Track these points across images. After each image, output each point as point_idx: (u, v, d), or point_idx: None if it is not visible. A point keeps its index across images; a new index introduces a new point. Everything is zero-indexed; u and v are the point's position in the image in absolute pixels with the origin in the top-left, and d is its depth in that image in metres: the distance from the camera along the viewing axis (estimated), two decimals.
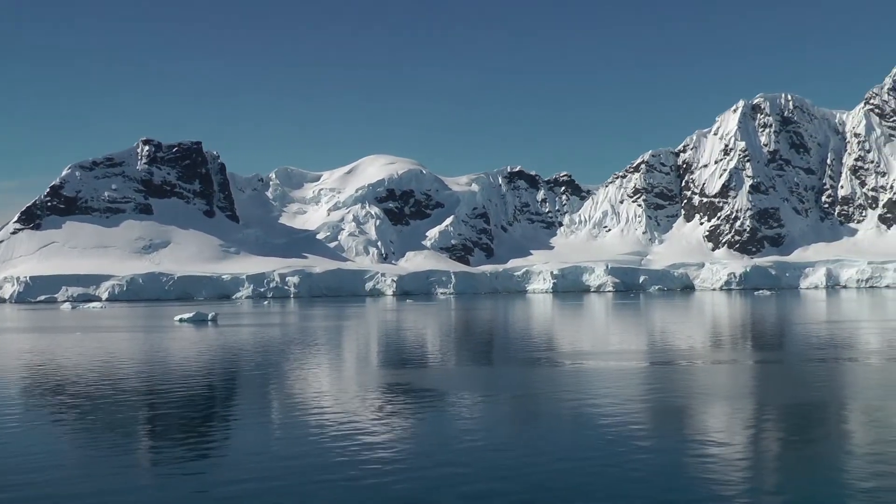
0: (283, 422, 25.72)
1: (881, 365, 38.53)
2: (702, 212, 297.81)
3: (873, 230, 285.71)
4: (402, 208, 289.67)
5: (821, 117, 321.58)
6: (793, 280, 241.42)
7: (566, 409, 26.88)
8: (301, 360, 44.18)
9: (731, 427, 23.71)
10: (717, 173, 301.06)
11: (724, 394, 30.04)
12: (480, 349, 52.36)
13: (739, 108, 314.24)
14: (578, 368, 38.21)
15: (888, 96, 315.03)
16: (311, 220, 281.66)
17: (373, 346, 55.87)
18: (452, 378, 36.02)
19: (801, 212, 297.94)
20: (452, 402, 28.89)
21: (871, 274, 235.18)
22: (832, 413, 26.12)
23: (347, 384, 34.14)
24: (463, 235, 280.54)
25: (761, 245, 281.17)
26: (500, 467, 19.19)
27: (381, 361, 44.64)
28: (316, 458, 20.09)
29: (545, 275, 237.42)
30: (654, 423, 24.64)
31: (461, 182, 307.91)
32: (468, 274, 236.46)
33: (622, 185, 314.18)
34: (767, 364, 39.91)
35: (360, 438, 22.17)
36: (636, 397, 29.11)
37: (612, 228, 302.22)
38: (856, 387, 31.88)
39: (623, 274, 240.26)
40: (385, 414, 26.30)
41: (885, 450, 20.08)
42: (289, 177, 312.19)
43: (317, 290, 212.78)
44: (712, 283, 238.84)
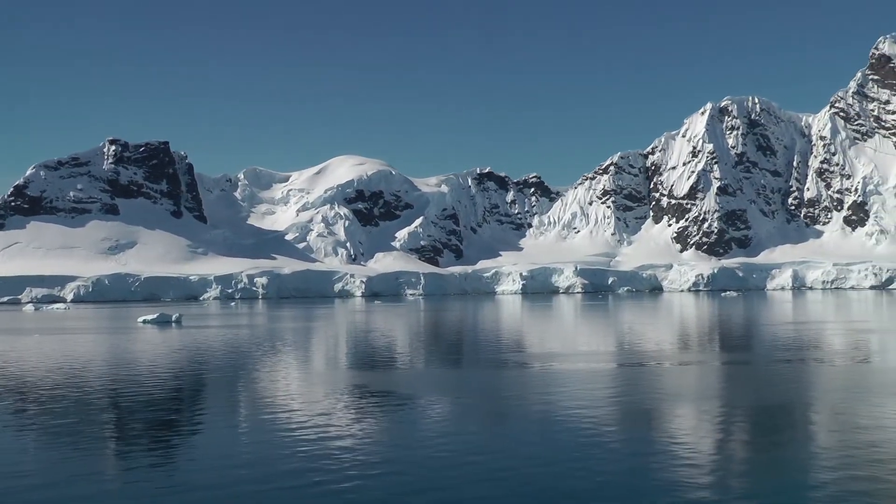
0: (247, 426, 25.45)
1: (846, 366, 38.67)
2: (670, 213, 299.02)
3: (838, 232, 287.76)
4: (372, 209, 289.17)
5: (787, 120, 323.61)
6: (760, 281, 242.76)
7: (535, 411, 26.82)
8: (266, 362, 43.87)
9: (698, 429, 23.69)
10: (686, 175, 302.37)
11: (692, 395, 30.05)
12: (449, 351, 52.19)
13: (707, 110, 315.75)
14: (548, 370, 38.13)
15: (853, 100, 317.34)
16: (280, 220, 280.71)
17: (341, 347, 55.59)
18: (421, 380, 35.86)
19: (767, 214, 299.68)
20: (421, 405, 28.71)
21: (837, 275, 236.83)
22: (798, 415, 26.17)
23: (315, 387, 33.86)
24: (432, 236, 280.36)
25: (729, 247, 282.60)
26: (470, 471, 19.09)
27: (350, 363, 44.41)
28: (282, 462, 19.88)
29: (514, 276, 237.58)
30: (623, 424, 24.61)
31: (430, 183, 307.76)
32: (437, 275, 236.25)
33: (591, 187, 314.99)
34: (735, 365, 39.96)
35: (327, 442, 21.97)
36: (605, 399, 29.06)
37: (581, 230, 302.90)
38: (821, 388, 31.97)
39: (592, 275, 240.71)
40: (353, 417, 26.11)
41: (850, 452, 20.12)
42: (257, 177, 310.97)
43: (285, 291, 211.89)
44: (680, 285, 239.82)
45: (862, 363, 40.20)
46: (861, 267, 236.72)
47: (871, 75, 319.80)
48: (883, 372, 36.58)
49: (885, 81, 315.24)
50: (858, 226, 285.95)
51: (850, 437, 21.93)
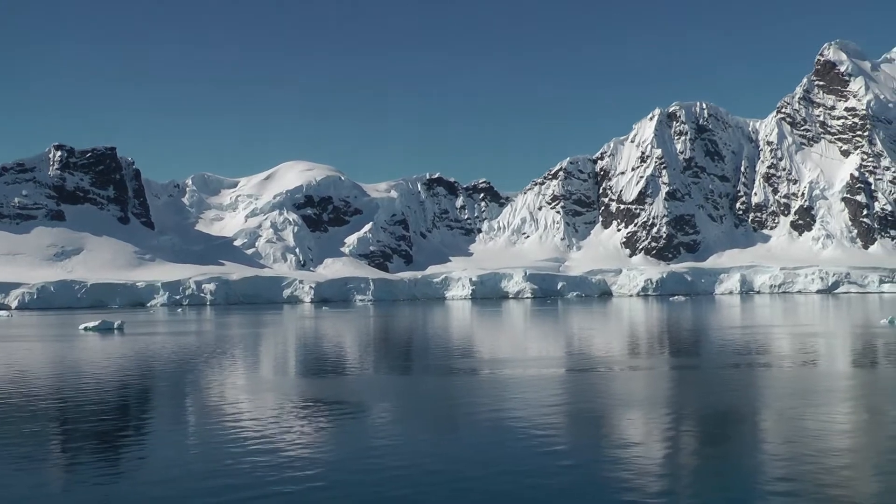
0: (191, 438, 24.95)
1: (793, 371, 38.76)
2: (619, 218, 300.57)
3: (785, 236, 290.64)
4: (321, 215, 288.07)
5: (735, 125, 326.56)
6: (708, 286, 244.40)
7: (486, 417, 26.66)
8: (211, 369, 43.25)
9: (648, 434, 23.62)
10: (634, 180, 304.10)
11: (642, 400, 29.99)
12: (399, 357, 51.83)
13: (656, 116, 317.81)
14: (498, 376, 37.94)
15: (799, 105, 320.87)
16: (229, 226, 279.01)
17: (290, 354, 55.04)
18: (371, 387, 35.49)
19: (715, 218, 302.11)
20: (371, 413, 28.44)
21: (784, 280, 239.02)
22: (747, 420, 26.14)
23: (262, 395, 33.33)
24: (382, 242, 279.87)
25: (677, 251, 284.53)
26: (421, 478, 18.91)
27: (298, 371, 43.93)
28: (231, 475, 19.49)
29: (464, 281, 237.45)
30: (574, 430, 24.57)
31: (380, 189, 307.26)
32: (387, 281, 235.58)
33: (540, 192, 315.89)
34: (684, 370, 39.97)
35: (277, 453, 21.62)
36: (555, 405, 28.93)
37: (530, 235, 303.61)
38: (769, 393, 31.98)
39: (541, 280, 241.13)
40: (303, 426, 25.71)
41: (798, 458, 20.13)
42: (205, 183, 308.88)
43: (234, 297, 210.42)
44: (629, 290, 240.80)
45: (809, 367, 40.33)
46: (808, 271, 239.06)
47: (816, 81, 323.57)
48: (829, 376, 36.77)
49: (830, 87, 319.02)
50: (805, 230, 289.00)
51: (797, 442, 21.93)
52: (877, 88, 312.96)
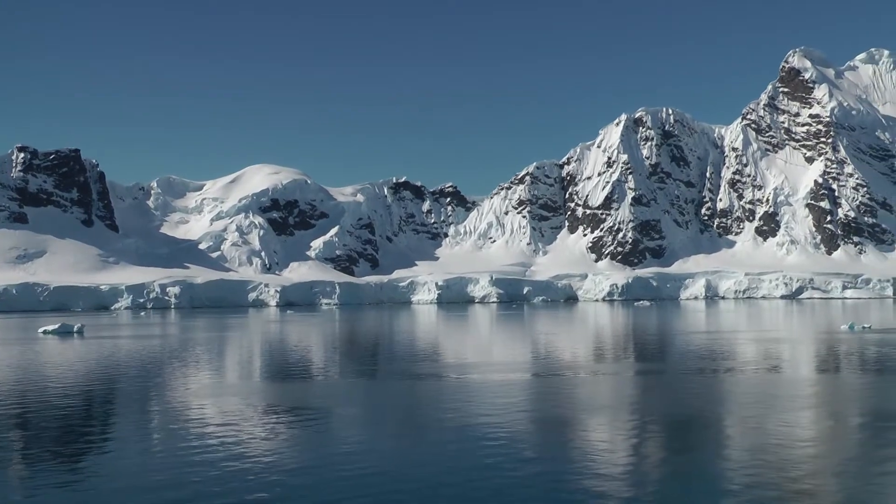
0: (148, 445, 24.64)
1: (757, 376, 38.91)
2: (585, 223, 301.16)
3: (750, 242, 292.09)
4: (287, 218, 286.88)
5: (700, 131, 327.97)
6: (673, 291, 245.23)
7: (450, 422, 26.63)
8: (173, 374, 42.88)
9: (613, 439, 23.62)
10: (601, 185, 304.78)
11: (607, 406, 30.02)
12: (364, 362, 51.61)
13: (622, 121, 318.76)
14: (463, 381, 37.87)
15: (764, 112, 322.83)
16: (194, 229, 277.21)
17: (255, 358, 54.67)
18: (336, 392, 35.33)
19: (681, 224, 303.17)
20: (335, 418, 28.31)
21: (748, 285, 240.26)
22: (711, 426, 26.18)
23: (226, 400, 33.06)
24: (348, 246, 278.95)
25: (643, 256, 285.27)
26: (386, 483, 18.87)
27: (263, 375, 43.65)
28: (194, 483, 19.24)
29: (430, 286, 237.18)
30: (538, 435, 24.57)
31: (346, 192, 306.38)
32: (353, 284, 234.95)
33: (507, 197, 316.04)
34: (648, 375, 40.02)
35: (241, 460, 21.47)
36: (520, 410, 28.93)
37: (496, 240, 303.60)
38: (733, 399, 32.07)
39: (507, 285, 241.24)
40: (266, 431, 25.53)
41: (761, 464, 20.18)
42: (171, 186, 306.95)
43: (198, 300, 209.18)
44: (595, 294, 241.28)
45: (772, 373, 40.45)
46: (772, 277, 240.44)
47: (781, 88, 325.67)
48: (792, 382, 36.89)
49: (795, 94, 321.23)
50: (770, 236, 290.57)
51: (761, 449, 22.04)
52: (840, 96, 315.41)
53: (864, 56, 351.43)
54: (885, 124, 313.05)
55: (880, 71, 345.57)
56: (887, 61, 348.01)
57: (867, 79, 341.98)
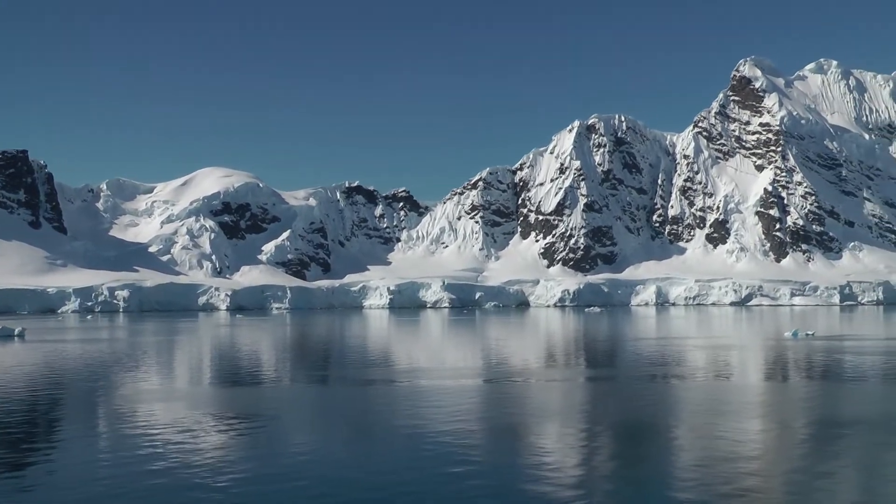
0: (95, 452, 24.23)
1: (705, 383, 39.07)
2: (537, 229, 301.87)
3: (701, 249, 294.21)
4: (238, 222, 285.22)
5: (652, 139, 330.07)
6: (624, 297, 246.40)
7: (401, 428, 26.57)
8: (116, 379, 42.30)
9: (563, 446, 23.61)
10: (553, 191, 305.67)
11: (557, 412, 29.99)
12: (315, 367, 51.25)
13: (575, 128, 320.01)
14: (414, 386, 37.77)
15: (715, 120, 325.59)
16: (144, 232, 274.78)
17: (204, 363, 54.12)
18: (286, 398, 35.04)
19: (632, 230, 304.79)
20: (286, 424, 28.08)
21: (699, 292, 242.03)
22: (661, 432, 26.17)
23: (175, 406, 32.67)
24: (299, 250, 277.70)
25: (595, 263, 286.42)
26: (336, 489, 18.77)
27: (212, 380, 43.27)
28: (135, 493, 18.89)
29: (382, 290, 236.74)
30: (489, 441, 24.54)
31: (298, 196, 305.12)
32: (304, 289, 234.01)
33: (460, 202, 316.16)
34: (599, 381, 40.06)
35: (190, 467, 21.12)
36: (471, 415, 28.86)
37: (449, 245, 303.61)
38: (683, 405, 32.14)
39: (459, 290, 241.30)
40: (216, 438, 25.24)
41: (710, 470, 20.21)
42: (121, 188, 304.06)
43: (148, 304, 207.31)
44: (547, 300, 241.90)
45: (720, 380, 40.63)
46: (722, 283, 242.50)
47: (732, 96, 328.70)
48: (741, 389, 37.06)
49: (746, 103, 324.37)
50: (720, 243, 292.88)
51: (710, 454, 22.02)
52: (790, 105, 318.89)
53: (813, 66, 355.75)
54: (833, 134, 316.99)
55: (829, 81, 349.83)
56: (835, 72, 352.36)
57: (816, 88, 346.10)
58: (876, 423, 27.23)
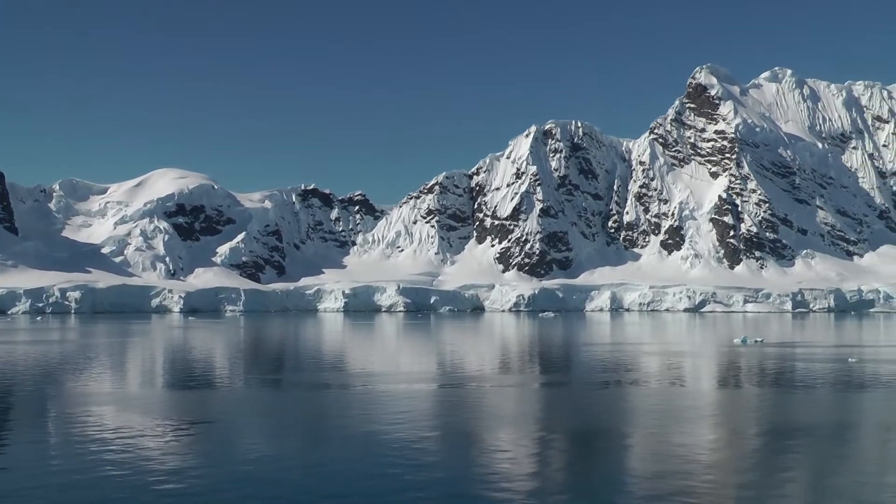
0: (43, 458, 23.81)
1: (660, 389, 39.15)
2: (493, 234, 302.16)
3: (655, 255, 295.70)
4: (192, 223, 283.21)
5: (608, 145, 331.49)
6: (579, 302, 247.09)
7: (356, 432, 26.49)
8: (69, 382, 41.76)
9: (517, 451, 23.58)
10: (509, 196, 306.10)
11: (511, 417, 29.97)
12: (269, 371, 50.83)
13: (531, 133, 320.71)
14: (368, 391, 37.62)
15: (671, 127, 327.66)
16: (97, 233, 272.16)
17: (156, 366, 53.56)
18: (239, 402, 34.73)
19: (588, 236, 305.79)
20: (238, 428, 27.87)
21: (653, 298, 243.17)
22: (614, 438, 26.21)
23: (123, 409, 32.32)
24: (254, 252, 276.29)
25: (550, 268, 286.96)
26: (288, 493, 18.61)
27: (164, 383, 42.90)
28: (85, 500, 18.51)
29: (337, 294, 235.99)
30: (443, 447, 24.53)
31: (254, 198, 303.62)
32: (258, 291, 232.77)
33: (416, 206, 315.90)
34: (553, 387, 40.05)
35: (137, 471, 20.91)
36: (425, 420, 28.82)
37: (404, 249, 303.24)
38: (636, 411, 32.19)
39: (414, 294, 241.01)
40: (167, 442, 24.99)
41: (662, 475, 20.19)
42: (73, 188, 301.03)
43: (100, 305, 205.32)
44: (502, 305, 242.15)
45: (671, 386, 40.73)
46: (676, 290, 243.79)
47: (688, 104, 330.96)
48: (693, 395, 37.17)
49: (701, 110, 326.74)
50: (675, 249, 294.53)
51: (662, 460, 22.03)
52: (745, 113, 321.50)
53: (769, 75, 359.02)
54: (787, 142, 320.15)
55: (783, 89, 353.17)
56: (790, 81, 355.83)
57: (770, 97, 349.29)
58: (821, 429, 27.41)
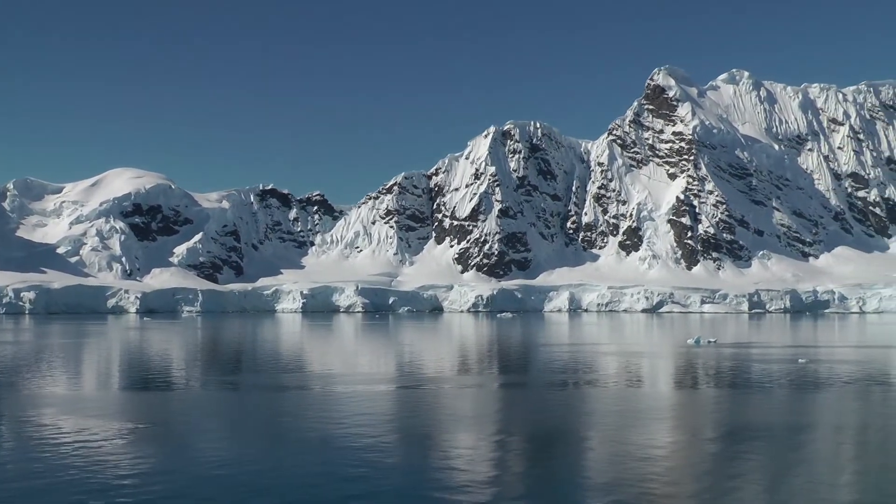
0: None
1: (617, 389, 39.25)
2: (452, 234, 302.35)
3: (614, 256, 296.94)
4: (149, 223, 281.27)
5: (567, 146, 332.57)
6: (538, 303, 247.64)
7: (314, 434, 26.43)
8: (22, 384, 41.24)
9: (475, 452, 23.64)
10: (468, 197, 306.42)
11: (469, 418, 30.02)
12: (226, 372, 50.45)
13: (490, 133, 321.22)
14: (326, 392, 37.54)
15: (629, 128, 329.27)
16: (52, 233, 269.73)
17: (112, 368, 53.05)
18: (196, 404, 34.48)
19: (547, 237, 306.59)
20: (195, 429, 27.54)
21: (611, 298, 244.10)
22: (572, 439, 26.27)
23: (76, 411, 31.93)
24: (212, 253, 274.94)
25: (509, 268, 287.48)
26: (244, 496, 18.56)
27: (119, 385, 42.46)
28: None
29: (295, 294, 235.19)
30: (402, 448, 24.59)
31: (211, 198, 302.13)
32: (216, 292, 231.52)
33: (374, 207, 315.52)
34: (511, 388, 40.04)
35: (92, 474, 20.64)
36: (383, 421, 28.83)
37: (363, 249, 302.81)
38: (595, 412, 32.24)
39: (373, 295, 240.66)
40: (120, 445, 24.63)
41: (621, 475, 20.18)
42: (28, 188, 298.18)
43: (55, 306, 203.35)
44: (460, 305, 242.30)
45: (631, 387, 40.84)
46: (634, 290, 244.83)
47: (646, 105, 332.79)
48: (651, 396, 37.32)
49: (660, 111, 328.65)
50: (633, 250, 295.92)
51: (619, 461, 22.10)
52: (703, 114, 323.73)
53: (726, 77, 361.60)
54: (744, 143, 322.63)
55: (740, 91, 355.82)
56: (747, 82, 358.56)
57: (728, 98, 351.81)
58: (773, 430, 27.60)
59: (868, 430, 28.13)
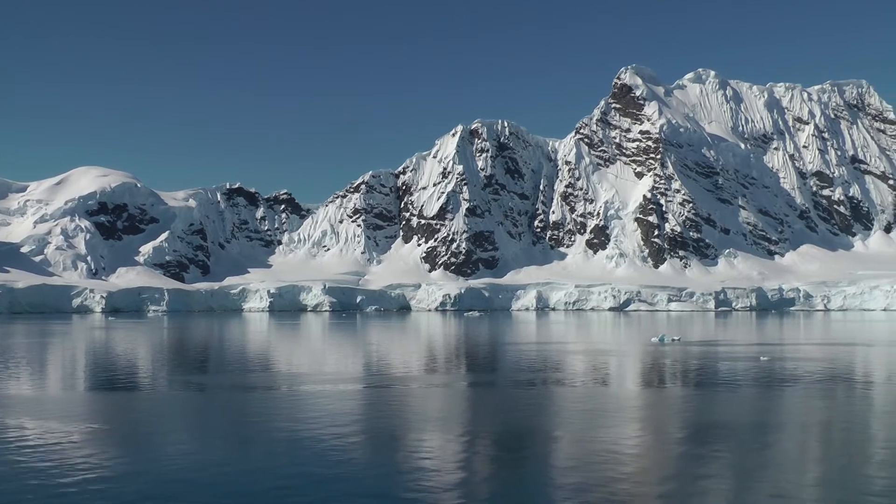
0: None
1: (585, 389, 39.38)
2: (420, 233, 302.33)
3: (581, 255, 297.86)
4: (115, 222, 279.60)
5: (535, 144, 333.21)
6: (505, 302, 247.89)
7: (281, 434, 26.33)
8: None
9: (442, 452, 23.68)
10: (436, 196, 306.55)
11: (436, 418, 30.00)
12: (192, 372, 50.15)
13: (458, 132, 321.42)
14: (293, 392, 37.44)
15: (597, 127, 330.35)
16: (16, 232, 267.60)
17: (76, 368, 52.63)
18: (160, 404, 34.23)
19: (514, 235, 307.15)
20: (161, 431, 27.37)
21: (578, 297, 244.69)
22: (540, 438, 26.28)
23: (40, 412, 31.59)
24: (178, 252, 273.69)
25: (476, 267, 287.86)
26: (212, 496, 18.51)
27: (84, 386, 42.15)
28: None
29: (262, 293, 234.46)
30: (369, 447, 24.63)
31: (178, 197, 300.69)
32: (182, 291, 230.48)
33: (342, 205, 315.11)
34: (479, 387, 40.06)
35: (56, 475, 20.53)
36: (350, 421, 28.81)
37: (330, 248, 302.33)
38: (562, 411, 32.25)
39: (341, 293, 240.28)
40: (84, 447, 24.44)
41: (588, 474, 20.22)
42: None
43: (19, 306, 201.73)
44: (428, 304, 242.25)
45: (598, 385, 40.95)
46: (601, 289, 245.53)
47: (613, 104, 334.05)
48: (618, 395, 37.44)
49: (627, 110, 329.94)
50: (600, 249, 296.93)
51: (587, 460, 22.13)
52: (669, 113, 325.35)
53: (692, 76, 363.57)
54: (711, 142, 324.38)
55: (707, 90, 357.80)
56: (713, 82, 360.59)
57: (694, 98, 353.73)
58: (737, 427, 27.76)
59: (832, 428, 28.34)
